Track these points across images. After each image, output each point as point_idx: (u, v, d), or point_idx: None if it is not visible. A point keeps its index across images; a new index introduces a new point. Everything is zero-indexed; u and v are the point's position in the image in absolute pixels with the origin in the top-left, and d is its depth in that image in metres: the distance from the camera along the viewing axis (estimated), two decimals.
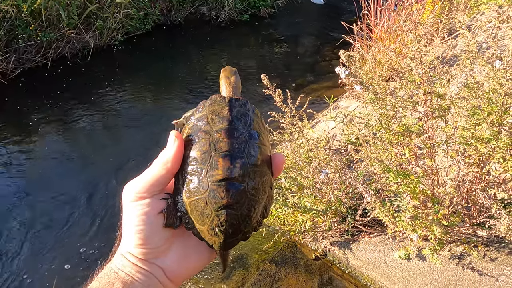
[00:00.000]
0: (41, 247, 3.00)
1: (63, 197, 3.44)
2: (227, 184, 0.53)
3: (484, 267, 1.95)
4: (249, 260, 2.52)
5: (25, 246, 3.01)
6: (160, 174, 0.55)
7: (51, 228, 3.16)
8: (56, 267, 2.85)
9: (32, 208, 3.33)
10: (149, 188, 0.55)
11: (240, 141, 0.55)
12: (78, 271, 2.82)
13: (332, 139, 3.31)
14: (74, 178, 3.67)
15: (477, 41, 1.89)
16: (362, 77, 1.66)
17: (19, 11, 5.09)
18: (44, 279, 2.77)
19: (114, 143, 4.24)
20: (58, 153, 4.02)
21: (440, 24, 3.53)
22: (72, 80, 5.22)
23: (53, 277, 2.76)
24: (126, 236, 0.56)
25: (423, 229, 1.98)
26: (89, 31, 5.74)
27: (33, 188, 3.55)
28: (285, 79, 5.35)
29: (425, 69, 1.72)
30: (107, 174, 3.69)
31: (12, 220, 3.22)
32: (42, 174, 3.72)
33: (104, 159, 3.92)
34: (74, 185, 3.56)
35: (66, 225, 3.17)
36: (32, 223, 3.20)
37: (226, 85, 0.62)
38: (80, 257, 2.91)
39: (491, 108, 1.68)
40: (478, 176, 1.91)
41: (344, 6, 7.60)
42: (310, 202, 2.33)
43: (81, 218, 3.24)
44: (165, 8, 6.79)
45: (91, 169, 3.80)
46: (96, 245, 3.00)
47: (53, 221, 3.22)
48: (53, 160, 3.90)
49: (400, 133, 1.82)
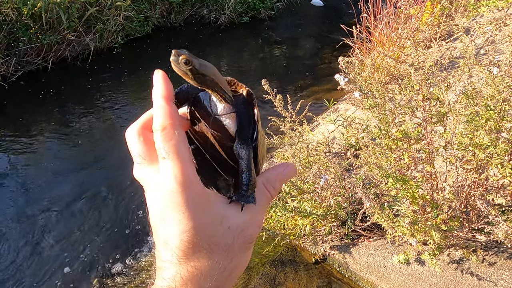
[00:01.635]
0: (43, 249, 3.01)
1: (64, 199, 3.45)
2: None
3: (483, 271, 1.96)
4: (250, 264, 2.53)
5: (27, 249, 3.02)
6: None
7: (53, 231, 3.17)
8: (58, 271, 2.86)
9: (33, 210, 3.34)
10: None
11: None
12: (79, 275, 2.83)
13: (332, 142, 3.33)
14: (74, 180, 3.68)
15: (476, 43, 1.91)
16: (361, 83, 1.67)
17: (19, 14, 5.11)
18: (46, 283, 2.78)
19: (115, 145, 4.25)
20: (59, 156, 4.03)
21: (438, 29, 3.54)
22: (73, 83, 5.24)
23: (55, 281, 2.78)
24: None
25: (422, 234, 1.99)
26: (90, 33, 5.75)
27: (33, 191, 3.56)
28: (284, 81, 5.36)
29: (424, 75, 1.73)
30: (108, 176, 3.70)
31: (12, 223, 3.23)
32: (42, 176, 3.72)
33: (105, 161, 3.93)
34: (75, 187, 3.57)
35: (67, 229, 3.18)
36: (32, 226, 3.21)
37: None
38: (81, 261, 2.93)
39: (489, 115, 1.70)
40: (477, 182, 1.92)
41: (343, 9, 7.62)
42: (310, 207, 2.35)
43: (83, 222, 3.25)
44: (165, 11, 6.81)
45: (92, 171, 3.81)
46: (98, 248, 3.01)
47: (54, 224, 3.23)
48: (54, 163, 3.91)
49: (399, 139, 1.83)
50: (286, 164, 0.53)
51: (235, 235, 0.46)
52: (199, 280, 0.44)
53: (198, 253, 0.44)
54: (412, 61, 1.74)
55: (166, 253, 0.44)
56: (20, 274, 2.85)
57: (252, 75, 5.62)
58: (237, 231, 0.46)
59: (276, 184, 0.51)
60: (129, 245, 3.03)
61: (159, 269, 0.45)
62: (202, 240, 0.44)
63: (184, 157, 0.43)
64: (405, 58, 2.95)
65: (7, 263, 2.93)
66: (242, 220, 0.46)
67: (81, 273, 2.85)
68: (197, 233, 0.43)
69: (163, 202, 0.43)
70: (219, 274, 0.45)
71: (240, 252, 0.46)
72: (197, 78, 0.47)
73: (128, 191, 3.49)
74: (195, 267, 0.44)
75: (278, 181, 0.51)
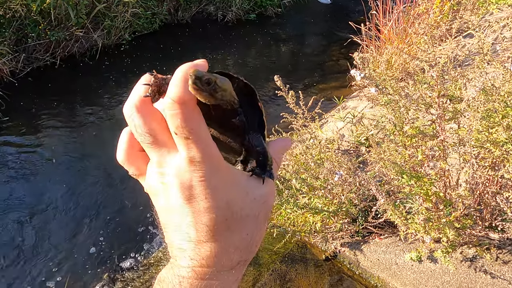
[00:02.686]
0: (50, 247, 3.03)
1: (71, 195, 3.47)
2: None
3: (497, 270, 1.95)
4: (260, 260, 2.53)
5: (34, 245, 3.04)
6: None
7: (59, 228, 3.19)
8: (67, 265, 2.87)
9: (42, 205, 3.36)
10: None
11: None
12: (89, 269, 2.84)
13: (341, 139, 3.32)
14: (80, 176, 3.70)
15: (488, 42, 1.90)
16: (376, 79, 1.66)
17: (28, 10, 5.13)
18: (56, 279, 2.80)
19: None
20: (66, 152, 4.05)
21: (451, 25, 3.52)
22: (80, 79, 5.26)
23: (65, 277, 2.80)
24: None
25: (436, 231, 1.98)
26: (97, 30, 5.77)
27: (40, 187, 3.58)
28: (292, 78, 5.35)
29: (439, 72, 1.72)
30: (116, 172, 3.71)
31: (18, 221, 3.25)
32: (49, 172, 3.74)
33: (112, 157, 3.94)
34: (82, 183, 3.59)
35: (74, 226, 3.20)
36: (41, 220, 3.23)
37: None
38: (91, 255, 2.94)
39: (506, 111, 1.68)
40: (491, 179, 1.91)
41: (351, 6, 7.58)
42: (321, 203, 2.34)
43: (90, 219, 3.26)
44: (172, 8, 6.81)
45: (99, 167, 3.82)
46: (105, 244, 3.03)
47: (60, 222, 3.25)
48: (61, 159, 3.93)
49: (413, 135, 1.82)
50: (284, 139, 0.56)
51: (259, 205, 0.47)
52: (231, 254, 0.45)
53: (230, 227, 0.44)
54: (428, 57, 1.73)
55: (194, 232, 0.43)
56: (29, 268, 2.87)
57: (259, 72, 5.61)
58: (261, 201, 0.47)
59: (280, 156, 0.54)
60: (139, 241, 3.04)
61: (182, 250, 0.44)
62: (235, 214, 0.44)
63: (208, 135, 0.42)
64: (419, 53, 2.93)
65: (17, 257, 2.95)
66: (264, 192, 0.48)
67: (90, 267, 2.86)
68: (230, 207, 0.44)
69: (191, 181, 0.42)
70: (247, 247, 0.46)
71: (263, 223, 0.48)
72: (216, 96, 0.41)
73: (138, 187, 3.49)
74: (227, 242, 0.44)
75: (282, 154, 0.55)
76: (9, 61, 4.99)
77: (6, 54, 4.94)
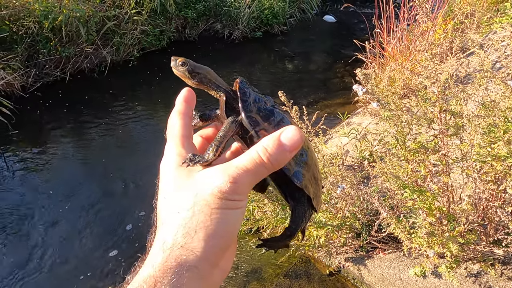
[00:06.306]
0: (62, 253, 3.05)
1: (80, 207, 3.50)
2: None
3: (502, 286, 1.94)
4: (264, 274, 2.53)
5: (45, 251, 3.06)
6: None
7: (70, 235, 3.21)
8: (78, 274, 2.89)
9: (51, 217, 3.39)
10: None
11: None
12: (100, 277, 2.85)
13: (345, 155, 3.34)
14: (89, 190, 3.74)
15: (490, 60, 1.93)
16: (378, 94, 1.70)
17: (40, 27, 5.27)
18: (60, 277, 2.81)
19: (129, 157, 4.31)
20: (75, 166, 4.11)
21: (453, 43, 3.57)
22: (90, 94, 5.36)
23: (75, 282, 2.81)
24: None
25: (439, 246, 1.98)
26: (107, 47, 5.90)
27: (50, 199, 3.62)
28: (297, 95, 5.41)
29: (440, 88, 1.76)
30: (122, 185, 3.75)
31: (30, 228, 3.29)
32: (59, 185, 3.79)
33: (119, 171, 3.99)
34: (89, 197, 3.62)
35: (85, 234, 3.22)
36: (50, 231, 3.26)
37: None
38: (101, 265, 2.95)
39: (506, 126, 1.71)
40: (494, 194, 1.92)
41: (355, 24, 7.70)
42: (324, 218, 2.35)
43: (100, 228, 3.29)
44: (180, 25, 6.96)
45: (107, 181, 3.86)
46: (114, 253, 3.04)
47: (71, 230, 3.27)
48: (70, 172, 3.98)
49: (415, 150, 1.84)
50: (287, 127, 0.49)
51: (199, 184, 0.48)
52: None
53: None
54: (429, 73, 1.77)
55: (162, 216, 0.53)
56: (35, 269, 2.88)
57: (265, 88, 5.68)
58: (203, 180, 0.48)
59: (270, 148, 0.48)
60: (144, 242, 3.04)
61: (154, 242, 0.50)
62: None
63: (174, 136, 0.55)
64: (421, 70, 2.97)
65: (22, 259, 2.97)
66: (208, 172, 0.49)
67: (94, 267, 2.87)
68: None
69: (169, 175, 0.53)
70: (187, 234, 0.46)
71: (214, 208, 0.46)
72: (194, 76, 0.55)
73: (145, 200, 3.53)
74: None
75: (272, 145, 0.48)
76: (20, 76, 5.10)
77: (18, 69, 5.07)
